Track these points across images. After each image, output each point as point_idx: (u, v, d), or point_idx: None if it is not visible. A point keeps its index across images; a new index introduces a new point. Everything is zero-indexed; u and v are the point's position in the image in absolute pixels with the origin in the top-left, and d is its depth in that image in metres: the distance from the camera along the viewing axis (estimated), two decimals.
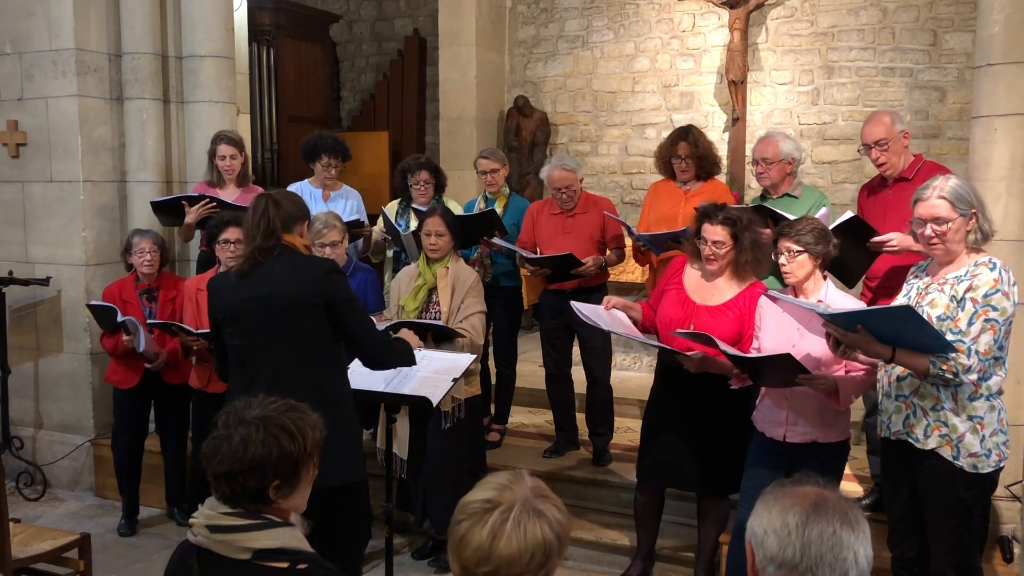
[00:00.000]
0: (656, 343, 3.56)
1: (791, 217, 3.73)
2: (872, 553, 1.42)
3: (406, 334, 3.58)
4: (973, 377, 2.82)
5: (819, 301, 3.23)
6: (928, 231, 2.90)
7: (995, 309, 2.81)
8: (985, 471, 2.90)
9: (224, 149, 4.84)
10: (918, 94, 6.64)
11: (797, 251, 3.21)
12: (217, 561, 1.81)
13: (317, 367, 2.94)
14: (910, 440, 2.97)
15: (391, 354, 3.13)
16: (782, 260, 3.25)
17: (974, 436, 2.87)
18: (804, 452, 3.29)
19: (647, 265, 4.84)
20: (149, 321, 4.51)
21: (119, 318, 4.48)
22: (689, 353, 3.45)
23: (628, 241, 4.71)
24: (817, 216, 3.91)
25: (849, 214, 3.67)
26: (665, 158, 4.56)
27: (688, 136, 4.46)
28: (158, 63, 5.22)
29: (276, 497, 1.86)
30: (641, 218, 4.73)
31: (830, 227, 3.44)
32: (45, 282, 5.17)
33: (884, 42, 6.71)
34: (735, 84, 6.86)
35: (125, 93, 5.21)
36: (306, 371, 2.91)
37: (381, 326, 3.96)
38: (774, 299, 3.25)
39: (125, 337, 4.49)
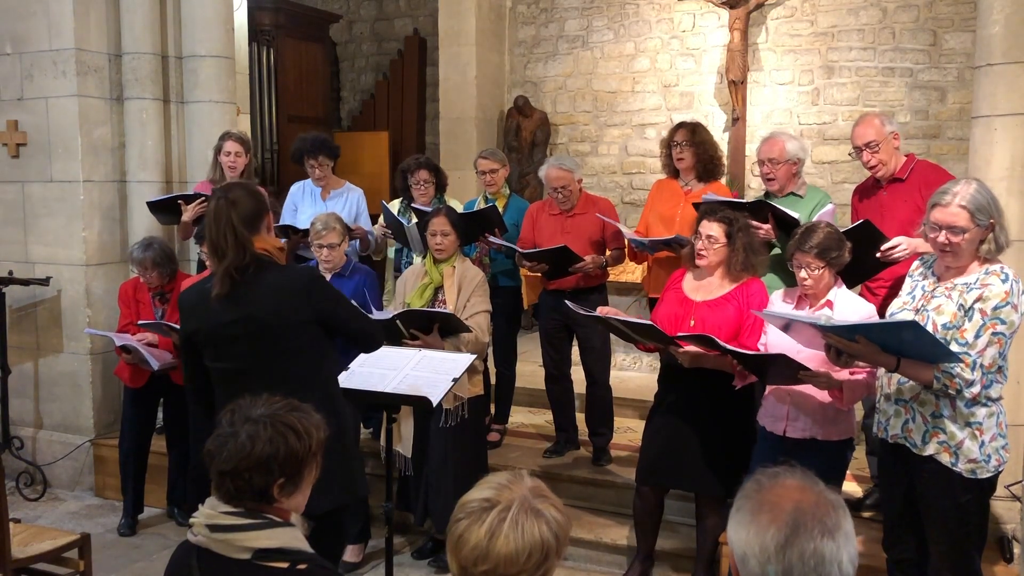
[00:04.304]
0: (646, 321, 3.48)
1: (793, 214, 3.74)
2: (856, 550, 1.38)
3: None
4: (975, 390, 2.78)
5: (828, 302, 3.23)
6: (942, 238, 2.81)
7: (1003, 322, 2.75)
8: (984, 476, 2.87)
9: (230, 146, 4.84)
10: (918, 94, 6.64)
11: (820, 265, 3.19)
12: (217, 561, 1.81)
13: (302, 390, 2.60)
14: (908, 445, 2.96)
15: (378, 330, 3.08)
16: (802, 275, 3.21)
17: (973, 442, 2.84)
18: (805, 449, 3.29)
19: (644, 263, 4.85)
20: (140, 322, 4.53)
21: (117, 342, 4.53)
22: (682, 349, 3.46)
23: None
24: (822, 213, 3.92)
25: (861, 221, 3.66)
26: (666, 145, 4.57)
27: (687, 124, 4.49)
28: (158, 63, 5.22)
29: (279, 496, 1.86)
30: (642, 216, 4.74)
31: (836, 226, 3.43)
32: (45, 282, 5.17)
33: (884, 42, 6.71)
34: (735, 84, 6.87)
35: (125, 93, 5.22)
36: (291, 395, 2.71)
37: (388, 314, 3.96)
38: (768, 318, 3.22)
39: (125, 355, 4.52)
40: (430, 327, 3.93)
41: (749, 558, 1.37)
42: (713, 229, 3.53)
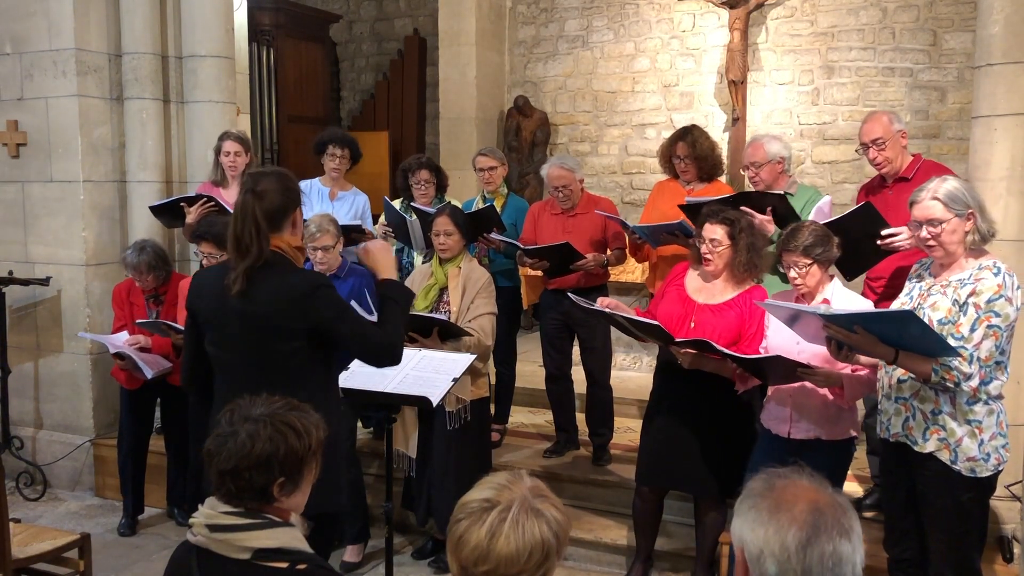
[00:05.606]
0: (652, 321, 3.46)
1: (775, 191, 3.75)
2: (863, 552, 1.39)
3: (376, 248, 3.01)
4: (974, 384, 2.81)
5: (825, 300, 3.23)
6: (924, 233, 2.89)
7: (998, 315, 2.79)
8: (983, 475, 2.89)
9: (229, 145, 4.83)
10: (918, 94, 6.64)
11: (807, 263, 3.20)
12: (216, 561, 1.81)
13: (297, 390, 2.47)
14: (908, 443, 2.98)
15: (393, 343, 2.79)
16: (792, 274, 3.24)
17: (972, 440, 2.87)
18: (808, 449, 3.29)
19: (646, 262, 4.84)
20: (138, 321, 4.53)
21: (111, 350, 4.53)
22: (683, 350, 3.46)
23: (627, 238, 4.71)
24: (820, 204, 3.93)
25: (862, 203, 3.68)
26: (666, 157, 4.58)
27: (687, 136, 4.46)
28: (158, 63, 5.22)
29: (280, 495, 1.86)
30: (643, 215, 4.75)
31: (838, 217, 3.43)
32: (45, 282, 5.17)
33: (884, 42, 6.71)
34: (735, 84, 6.87)
35: (125, 93, 5.21)
36: (286, 393, 2.40)
37: None
38: (771, 309, 3.23)
39: (120, 362, 4.52)
40: (429, 330, 3.92)
41: (767, 557, 1.36)
42: (716, 232, 3.52)
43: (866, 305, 3.32)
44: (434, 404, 3.25)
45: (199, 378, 2.90)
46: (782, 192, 3.85)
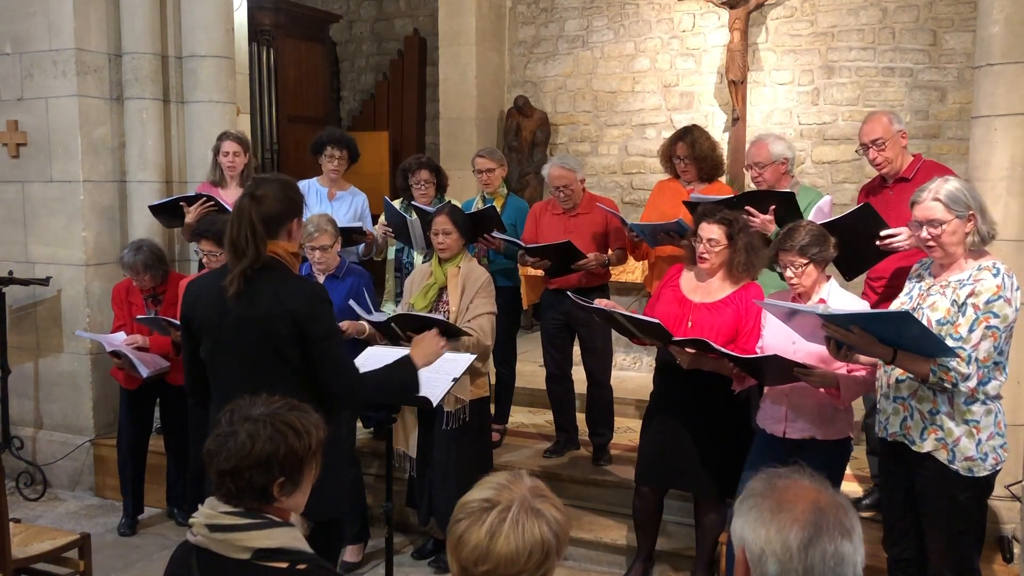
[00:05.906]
0: (652, 319, 3.46)
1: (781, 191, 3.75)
2: (864, 552, 1.39)
3: (430, 338, 3.09)
4: (972, 384, 2.81)
5: (821, 300, 3.24)
6: (924, 233, 2.90)
7: (996, 316, 2.80)
8: (981, 475, 2.90)
9: (228, 145, 4.83)
10: (918, 94, 6.64)
11: (803, 263, 3.20)
12: (216, 561, 1.81)
13: (294, 394, 2.33)
14: (906, 442, 2.98)
15: (361, 390, 2.77)
16: (788, 274, 3.24)
17: (970, 440, 2.87)
18: (804, 449, 3.29)
19: (644, 261, 4.84)
20: (137, 317, 4.53)
21: (107, 348, 4.52)
22: (682, 350, 3.46)
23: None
24: (819, 204, 3.93)
25: (861, 204, 3.68)
26: (667, 157, 4.58)
27: (686, 137, 4.46)
28: (158, 63, 5.22)
29: (280, 495, 1.86)
30: (644, 215, 4.74)
31: (837, 217, 3.43)
32: (45, 282, 5.17)
33: (884, 42, 6.71)
34: (735, 84, 6.87)
35: (125, 93, 5.21)
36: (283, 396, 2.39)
37: (382, 316, 3.94)
38: (769, 308, 3.23)
39: (116, 361, 4.52)
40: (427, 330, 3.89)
41: (768, 557, 1.36)
42: (714, 232, 3.52)
43: (863, 305, 3.32)
44: (434, 404, 3.25)
45: (201, 384, 2.89)
46: (790, 190, 3.85)
